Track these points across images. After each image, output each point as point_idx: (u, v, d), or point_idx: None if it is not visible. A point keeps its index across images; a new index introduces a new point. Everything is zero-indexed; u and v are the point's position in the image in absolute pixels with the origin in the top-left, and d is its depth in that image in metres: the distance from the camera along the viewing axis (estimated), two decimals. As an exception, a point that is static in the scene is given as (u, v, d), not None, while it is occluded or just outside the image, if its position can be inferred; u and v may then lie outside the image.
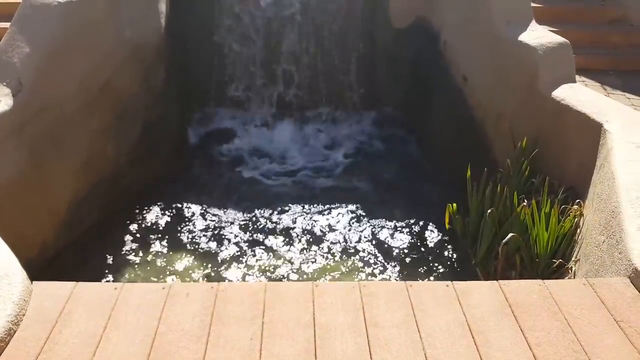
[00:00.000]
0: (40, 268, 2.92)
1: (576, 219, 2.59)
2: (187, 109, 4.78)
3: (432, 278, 3.23)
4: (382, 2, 4.59)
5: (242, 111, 4.91)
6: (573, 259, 2.45)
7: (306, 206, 3.93)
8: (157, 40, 4.00)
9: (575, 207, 2.63)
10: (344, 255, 3.46)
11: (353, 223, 3.75)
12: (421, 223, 3.72)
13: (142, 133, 3.97)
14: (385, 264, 3.38)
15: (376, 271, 3.32)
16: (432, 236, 3.63)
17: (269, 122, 4.92)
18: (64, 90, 3.19)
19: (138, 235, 3.57)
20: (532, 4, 5.71)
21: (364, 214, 3.84)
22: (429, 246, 3.54)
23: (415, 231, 3.67)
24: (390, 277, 3.28)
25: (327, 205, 3.93)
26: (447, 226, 3.28)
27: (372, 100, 4.95)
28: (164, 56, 4.11)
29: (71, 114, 3.25)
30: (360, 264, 3.38)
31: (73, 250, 3.31)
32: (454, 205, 3.19)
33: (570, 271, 2.43)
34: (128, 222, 3.66)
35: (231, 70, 4.70)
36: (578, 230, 2.56)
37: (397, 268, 3.35)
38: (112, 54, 3.61)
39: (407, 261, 3.42)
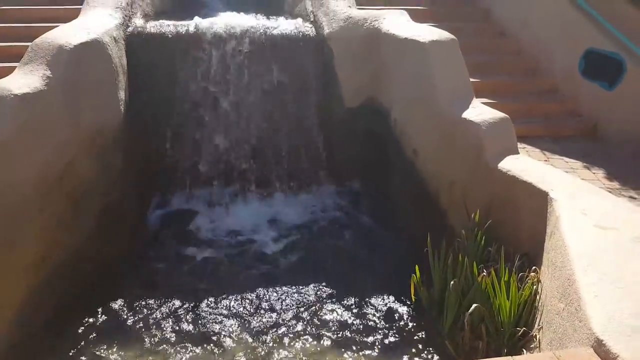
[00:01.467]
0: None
1: (534, 286, 2.68)
2: (147, 192, 4.75)
3: (404, 358, 3.20)
4: (335, 83, 4.82)
5: (201, 191, 4.91)
6: (536, 326, 2.51)
7: (265, 288, 3.84)
8: (116, 126, 4.02)
9: (533, 274, 2.73)
10: (307, 341, 3.38)
11: (315, 303, 3.70)
12: (385, 296, 3.73)
13: (98, 221, 3.88)
14: (352, 346, 3.32)
15: (346, 355, 3.26)
16: (398, 309, 3.64)
17: (228, 202, 4.93)
18: (18, 179, 3.11)
19: (93, 331, 3.40)
20: (471, 79, 6.24)
21: (325, 292, 3.82)
22: (396, 320, 3.53)
23: (379, 305, 3.66)
24: None
25: (287, 286, 3.87)
26: (412, 298, 3.30)
27: (331, 175, 5.09)
28: (122, 141, 4.12)
29: (25, 205, 3.15)
30: (326, 348, 3.31)
31: (25, 348, 3.10)
32: (418, 275, 3.24)
33: (535, 339, 2.48)
34: (84, 315, 3.48)
35: (190, 153, 4.74)
36: (537, 297, 2.64)
37: (366, 351, 3.28)
38: (70, 142, 3.58)
39: (376, 340, 3.38)
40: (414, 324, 3.49)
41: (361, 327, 3.49)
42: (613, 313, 1.92)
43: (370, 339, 3.39)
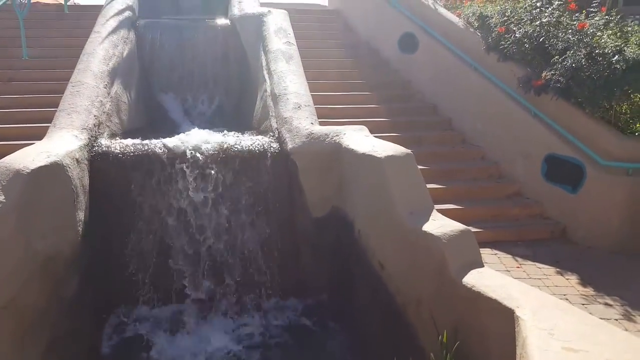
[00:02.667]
0: None
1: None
2: (102, 317, 4.48)
3: None
4: (301, 195, 4.81)
5: (160, 313, 4.66)
6: None
7: None
8: (71, 250, 3.85)
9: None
10: None
11: None
12: None
13: (46, 354, 3.55)
14: None
15: None
16: None
17: (190, 322, 4.66)
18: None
19: None
20: (435, 186, 6.35)
21: None
22: None
23: None
24: None
25: None
26: None
27: (296, 288, 4.91)
28: (79, 266, 3.94)
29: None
30: None
31: None
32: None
33: None
34: None
35: (149, 273, 4.55)
36: None
37: None
38: (19, 270, 3.36)
39: None
40: None
41: None
42: None
43: None
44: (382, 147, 4.05)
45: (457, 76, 7.74)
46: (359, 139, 4.45)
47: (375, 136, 4.68)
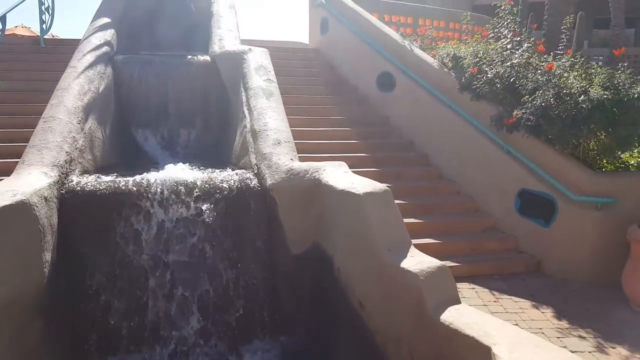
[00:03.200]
0: None
1: None
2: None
3: None
4: (280, 231, 4.82)
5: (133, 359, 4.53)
6: None
7: None
8: (36, 293, 3.69)
9: None
10: None
11: None
12: None
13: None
14: None
15: None
16: None
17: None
18: None
19: None
20: (414, 220, 6.44)
21: None
22: None
23: None
24: None
25: None
26: None
27: (274, 328, 4.84)
28: (45, 309, 3.80)
29: None
30: None
31: None
32: None
33: None
34: None
35: (119, 317, 4.43)
36: None
37: None
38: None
39: None
40: None
41: None
42: None
43: None
44: (361, 184, 4.13)
45: (433, 114, 7.97)
46: (338, 175, 4.52)
47: (356, 171, 4.75)
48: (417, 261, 3.53)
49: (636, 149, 6.50)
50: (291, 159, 5.07)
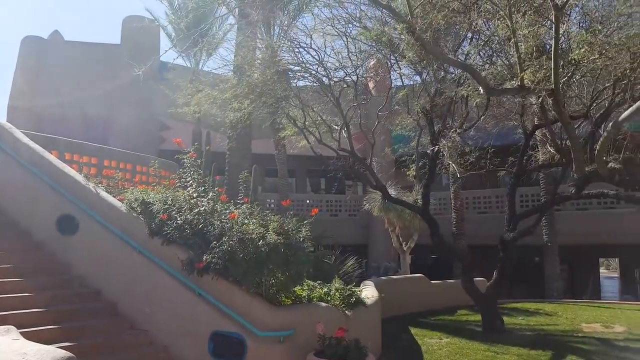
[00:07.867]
0: None
1: None
2: None
3: None
4: None
5: None
6: None
7: None
8: None
9: None
10: None
11: None
12: None
13: None
14: None
15: None
16: None
17: None
18: None
19: None
20: None
21: None
22: None
23: None
24: None
25: None
26: None
27: None
28: None
29: None
30: None
31: None
32: None
33: None
34: None
35: None
36: None
37: None
38: None
39: None
40: None
41: None
42: None
43: None
44: (36, 355, 3.49)
45: (122, 259, 7.61)
46: (3, 345, 3.73)
47: (31, 331, 4.04)
48: None
49: (305, 283, 7.56)
50: None
